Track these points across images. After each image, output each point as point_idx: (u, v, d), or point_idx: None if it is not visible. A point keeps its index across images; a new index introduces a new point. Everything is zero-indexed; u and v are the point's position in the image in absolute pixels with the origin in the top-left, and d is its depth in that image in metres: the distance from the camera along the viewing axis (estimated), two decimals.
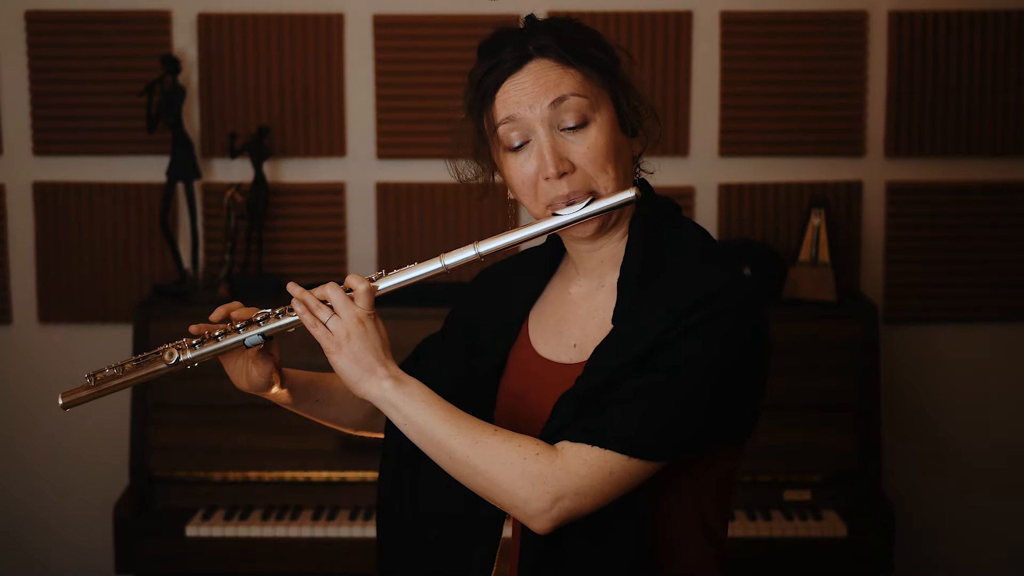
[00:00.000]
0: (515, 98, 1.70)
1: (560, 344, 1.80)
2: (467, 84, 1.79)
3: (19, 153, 3.63)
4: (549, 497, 1.60)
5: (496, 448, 1.62)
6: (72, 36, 3.57)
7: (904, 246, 3.64)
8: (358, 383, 1.66)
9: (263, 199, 3.52)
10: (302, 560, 3.11)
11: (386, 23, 3.58)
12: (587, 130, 1.70)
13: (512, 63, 1.72)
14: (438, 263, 1.72)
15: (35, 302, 3.66)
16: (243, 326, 1.75)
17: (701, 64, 3.59)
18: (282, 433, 3.23)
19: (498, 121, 1.72)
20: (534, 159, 1.70)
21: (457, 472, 1.64)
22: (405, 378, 1.67)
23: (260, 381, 1.81)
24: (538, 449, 1.62)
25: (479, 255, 1.72)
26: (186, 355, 1.77)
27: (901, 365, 3.65)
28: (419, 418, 1.64)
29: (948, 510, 3.71)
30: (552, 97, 1.69)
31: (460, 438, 1.63)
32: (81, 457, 3.68)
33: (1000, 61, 3.57)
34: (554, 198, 1.70)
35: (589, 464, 1.60)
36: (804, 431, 3.22)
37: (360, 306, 1.68)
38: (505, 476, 1.61)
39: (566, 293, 1.84)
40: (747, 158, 3.63)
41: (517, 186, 1.73)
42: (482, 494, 1.65)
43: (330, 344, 1.67)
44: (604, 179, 1.71)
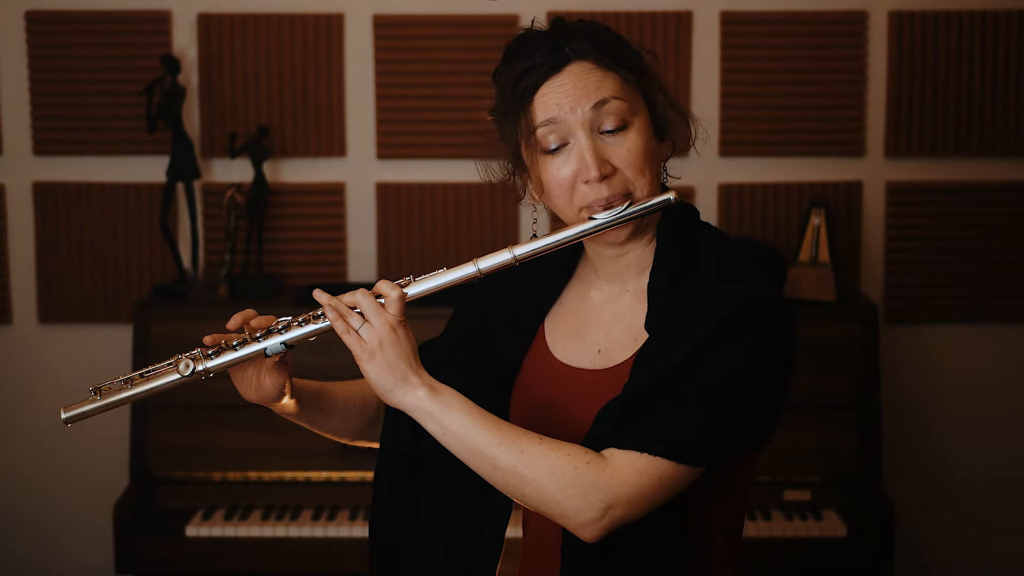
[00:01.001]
0: (555, 100, 1.68)
1: (583, 350, 1.78)
2: (498, 86, 1.75)
3: (19, 153, 3.63)
4: (601, 505, 1.59)
5: (544, 457, 1.60)
6: (72, 36, 3.57)
7: (904, 246, 3.64)
8: (391, 392, 1.63)
9: (263, 199, 3.52)
10: (302, 560, 3.11)
11: (386, 23, 3.58)
12: (627, 133, 1.69)
13: (550, 65, 1.69)
14: (472, 267, 1.69)
15: (35, 302, 3.66)
16: (263, 335, 1.70)
17: (701, 64, 3.59)
18: (282, 433, 3.23)
19: (537, 123, 1.69)
20: (573, 161, 1.68)
21: (501, 481, 1.62)
22: (439, 386, 1.64)
23: (273, 392, 1.76)
24: (588, 457, 1.60)
25: (515, 259, 1.69)
26: (202, 364, 1.70)
27: (901, 365, 3.65)
28: (458, 428, 1.62)
29: (948, 510, 3.71)
30: (594, 100, 1.67)
31: (505, 447, 1.61)
32: (81, 457, 3.68)
33: (1000, 61, 3.57)
34: (593, 201, 1.68)
35: (640, 471, 1.60)
36: (804, 431, 3.22)
37: (392, 313, 1.65)
38: (555, 486, 1.59)
39: (586, 298, 1.82)
40: (747, 158, 3.63)
41: (553, 188, 1.70)
42: (527, 503, 1.63)
43: (362, 352, 1.63)
44: (642, 182, 1.69)
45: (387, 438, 1.84)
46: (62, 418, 1.73)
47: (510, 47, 1.75)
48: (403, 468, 1.81)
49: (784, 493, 3.21)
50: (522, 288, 1.86)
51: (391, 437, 1.82)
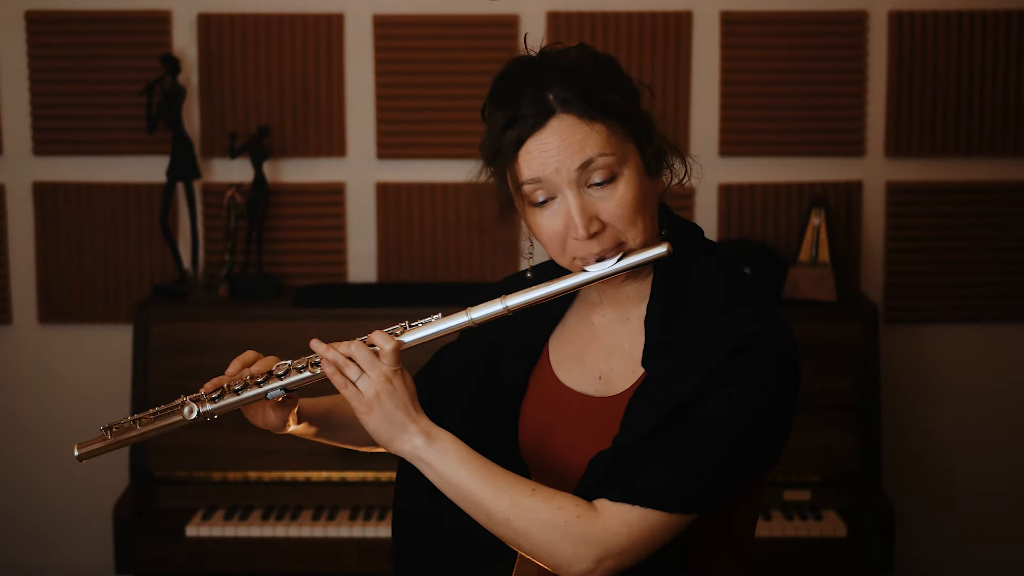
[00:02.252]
0: (540, 160, 1.64)
1: (584, 374, 1.79)
2: (486, 124, 1.72)
3: (19, 153, 3.63)
4: (592, 558, 1.61)
5: (536, 510, 1.62)
6: (72, 36, 3.57)
7: (904, 246, 3.64)
8: (390, 442, 1.66)
9: (263, 199, 3.52)
10: (302, 560, 3.11)
11: (386, 23, 3.58)
12: (615, 185, 1.65)
13: (534, 120, 1.64)
14: (465, 317, 1.71)
15: (35, 302, 3.66)
16: (263, 380, 1.76)
17: (701, 64, 3.59)
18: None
19: (523, 180, 1.66)
20: (561, 217, 1.66)
21: (496, 531, 1.65)
22: (436, 433, 1.66)
23: (278, 423, 1.82)
24: (578, 511, 1.61)
25: (507, 309, 1.70)
26: (205, 408, 1.77)
27: (901, 365, 3.65)
28: (454, 477, 1.64)
29: (948, 510, 3.71)
30: (579, 161, 1.63)
31: (498, 500, 1.62)
32: None
33: (1000, 61, 3.57)
34: (585, 255, 1.67)
35: (631, 524, 1.61)
36: (804, 431, 3.20)
37: (386, 363, 1.66)
38: (546, 539, 1.61)
39: (589, 321, 1.81)
40: (747, 158, 3.63)
41: (545, 241, 1.69)
42: (523, 551, 1.65)
43: (360, 405, 1.66)
44: (633, 232, 1.67)
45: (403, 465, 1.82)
46: (76, 455, 1.84)
47: (497, 84, 1.70)
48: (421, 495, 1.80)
49: (784, 493, 3.21)
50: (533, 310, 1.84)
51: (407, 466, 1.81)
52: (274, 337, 3.20)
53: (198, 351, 3.25)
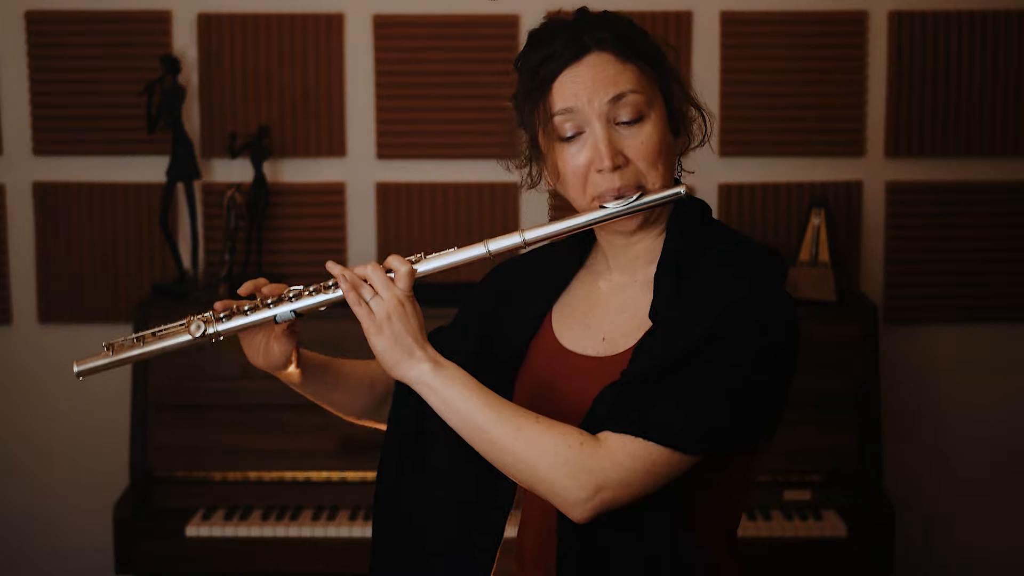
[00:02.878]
0: (573, 90, 1.70)
1: (587, 336, 1.80)
2: (520, 72, 1.77)
3: (19, 153, 3.63)
4: (591, 487, 1.61)
5: (539, 436, 1.62)
6: (72, 36, 3.57)
7: (904, 246, 3.64)
8: (397, 365, 1.66)
9: (263, 199, 3.52)
10: (302, 560, 3.11)
11: (386, 23, 3.58)
12: (642, 125, 1.71)
13: (570, 54, 1.71)
14: (482, 248, 1.73)
15: (35, 302, 3.66)
16: (274, 301, 1.74)
17: (701, 64, 3.59)
18: (282, 433, 3.23)
19: (554, 111, 1.71)
20: (587, 150, 1.71)
21: (497, 458, 1.65)
22: (443, 361, 1.67)
23: (280, 359, 1.80)
24: (582, 439, 1.62)
25: (524, 242, 1.72)
26: (213, 327, 1.73)
27: (901, 365, 3.65)
28: (458, 403, 1.65)
29: (948, 510, 3.71)
30: (612, 93, 1.70)
31: (502, 425, 1.63)
32: (81, 457, 3.68)
33: (1000, 61, 3.57)
34: (604, 190, 1.71)
35: (633, 455, 1.62)
36: (804, 431, 3.22)
37: (400, 287, 1.69)
38: (546, 464, 1.61)
39: (595, 287, 1.84)
40: (747, 158, 3.63)
41: (568, 176, 1.73)
42: (520, 480, 1.66)
43: (371, 325, 1.67)
44: (654, 175, 1.72)
45: (394, 420, 1.85)
46: (75, 371, 1.77)
47: (533, 33, 1.77)
48: (406, 455, 1.82)
49: (784, 493, 3.21)
50: (535, 277, 1.89)
51: (397, 421, 1.84)
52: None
53: (198, 351, 3.25)
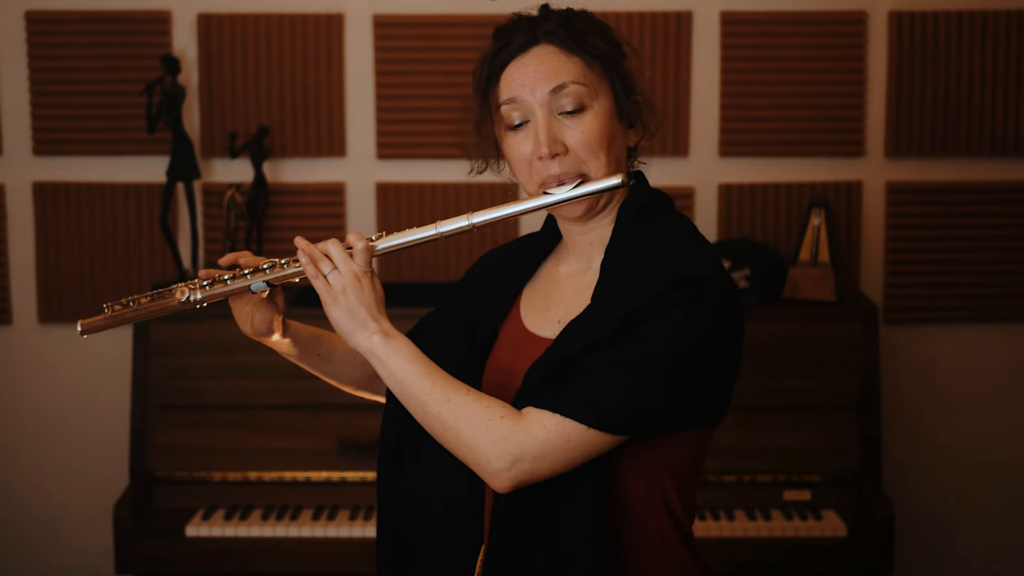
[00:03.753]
0: (519, 80, 1.79)
1: (546, 319, 1.87)
2: (477, 63, 1.88)
3: (19, 153, 3.63)
4: (509, 457, 1.68)
5: (466, 407, 1.71)
6: (72, 36, 3.57)
7: (904, 246, 3.64)
8: (351, 335, 1.75)
9: (263, 199, 3.52)
10: (302, 560, 3.11)
11: (386, 23, 3.58)
12: (583, 116, 1.78)
13: (519, 45, 1.80)
14: (433, 230, 1.81)
15: (35, 302, 3.66)
16: (251, 272, 1.85)
17: (701, 64, 3.59)
18: (282, 433, 3.23)
19: (501, 100, 1.81)
20: (531, 139, 1.78)
21: (428, 426, 1.73)
22: (395, 334, 1.76)
23: (262, 327, 1.91)
24: (504, 412, 1.70)
25: (472, 225, 1.80)
26: (196, 295, 1.86)
27: (901, 365, 3.66)
28: (400, 371, 1.73)
29: (948, 510, 3.71)
30: (553, 84, 1.77)
31: (434, 394, 1.72)
32: (81, 457, 3.68)
33: (1000, 61, 3.57)
34: (546, 177, 1.78)
35: (548, 430, 1.68)
36: (804, 431, 3.22)
37: (358, 263, 1.77)
38: (470, 434, 1.70)
39: (556, 272, 1.92)
40: (747, 158, 3.63)
41: (514, 163, 1.82)
42: (449, 448, 1.74)
43: (327, 296, 1.76)
44: (595, 164, 1.78)
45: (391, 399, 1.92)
46: (79, 330, 1.88)
47: (497, 28, 1.87)
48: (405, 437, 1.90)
49: (784, 493, 3.21)
50: (509, 265, 1.98)
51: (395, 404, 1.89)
52: None
53: (198, 351, 3.25)
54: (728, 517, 3.14)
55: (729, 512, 3.17)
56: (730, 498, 3.20)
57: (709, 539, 3.08)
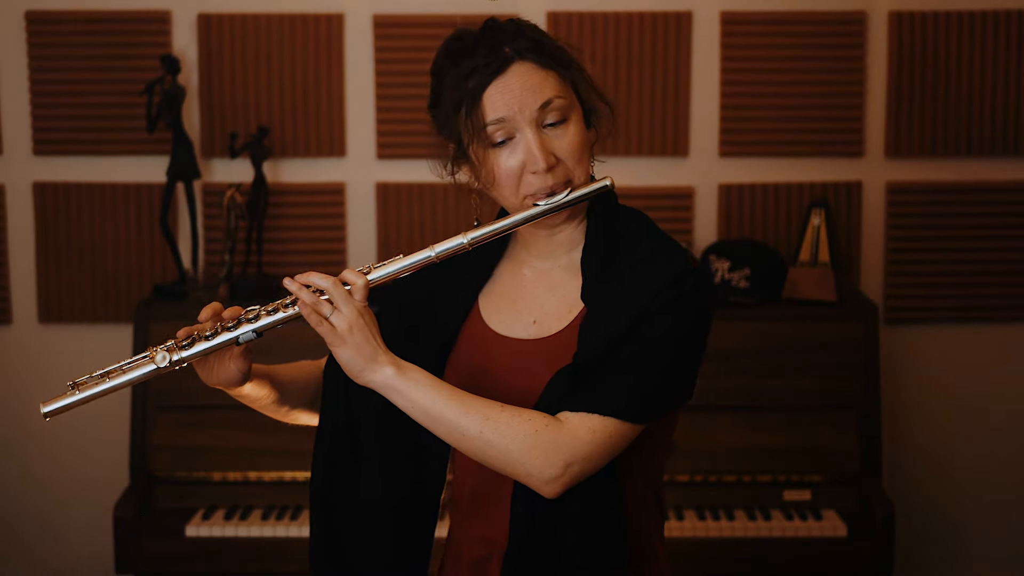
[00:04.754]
0: (503, 101, 1.80)
1: (518, 321, 1.89)
2: (440, 82, 1.87)
3: (19, 153, 3.63)
4: (562, 464, 1.73)
5: (508, 423, 1.73)
6: (72, 36, 3.57)
7: (904, 246, 3.64)
8: (362, 372, 1.74)
9: (263, 199, 3.52)
10: (302, 560, 3.10)
11: (386, 23, 3.58)
12: (567, 126, 1.82)
13: (496, 66, 1.81)
14: (430, 252, 1.80)
15: (35, 302, 3.66)
16: (233, 324, 1.81)
17: (701, 64, 3.59)
18: (282, 433, 3.21)
19: (487, 122, 1.81)
20: (520, 154, 1.80)
21: (469, 448, 1.74)
22: (405, 364, 1.76)
23: (237, 376, 1.86)
24: (546, 421, 1.74)
25: (469, 243, 1.81)
26: (177, 355, 1.81)
27: (901, 365, 3.65)
28: (426, 401, 1.74)
29: (948, 510, 3.71)
30: (540, 101, 1.80)
31: (471, 417, 1.73)
32: (81, 457, 3.68)
33: (1000, 61, 3.57)
34: (538, 189, 1.81)
35: (593, 430, 1.74)
36: (804, 431, 3.22)
37: (358, 299, 1.76)
38: (518, 448, 1.72)
39: (519, 275, 1.93)
40: (747, 158, 3.63)
41: (502, 178, 1.82)
42: (493, 466, 1.75)
43: (334, 339, 1.74)
44: (579, 170, 1.83)
45: (325, 413, 1.94)
46: (42, 412, 1.83)
47: (448, 46, 1.89)
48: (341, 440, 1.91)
49: (784, 493, 3.21)
50: (455, 270, 1.96)
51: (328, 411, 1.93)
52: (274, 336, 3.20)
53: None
54: (728, 517, 3.15)
55: (729, 512, 3.17)
56: (730, 498, 3.20)
57: (709, 539, 3.09)
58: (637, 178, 3.59)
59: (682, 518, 3.14)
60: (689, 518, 3.14)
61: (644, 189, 3.58)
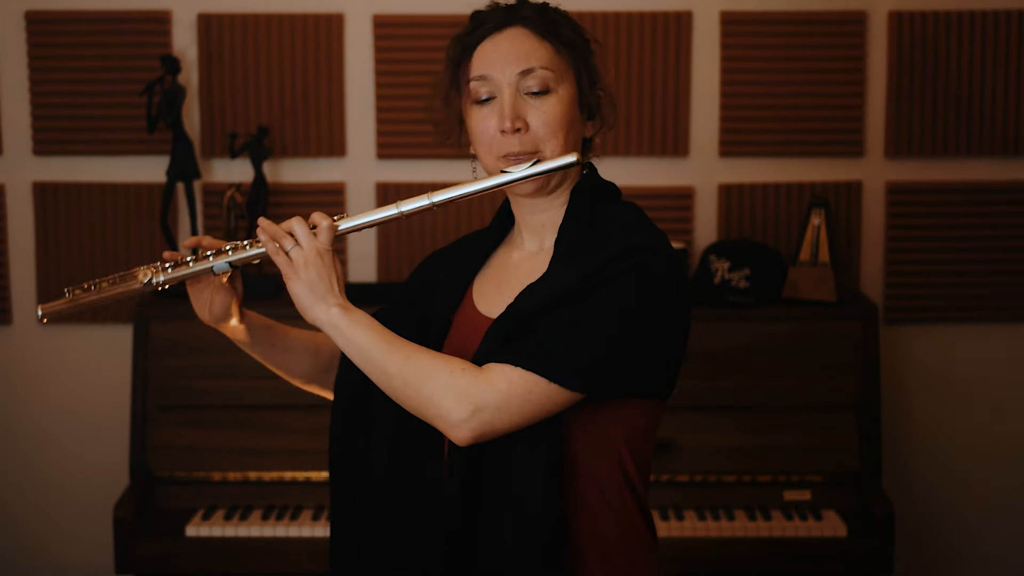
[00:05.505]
0: (490, 59, 1.87)
1: (499, 301, 1.92)
2: (452, 40, 1.96)
3: (19, 153, 3.63)
4: (470, 408, 1.73)
5: (426, 363, 1.77)
6: (72, 36, 3.57)
7: (904, 246, 3.64)
8: (310, 308, 1.81)
9: (263, 199, 3.52)
10: (302, 560, 3.11)
11: (386, 23, 3.58)
12: (547, 98, 1.85)
13: (493, 25, 1.89)
14: (394, 209, 1.88)
15: (35, 302, 3.66)
16: (213, 254, 1.89)
17: (701, 64, 3.59)
18: (282, 433, 3.23)
19: (472, 76, 1.88)
20: (495, 114, 1.86)
21: (390, 387, 1.79)
22: (353, 308, 1.82)
23: (220, 311, 1.96)
24: (465, 366, 1.77)
25: (432, 204, 1.87)
26: (159, 277, 1.91)
27: (901, 365, 3.66)
28: (360, 339, 1.79)
29: (948, 510, 3.71)
30: (523, 67, 1.85)
31: (394, 355, 1.78)
32: (81, 457, 3.68)
33: (1000, 61, 3.57)
34: (506, 152, 1.85)
35: (510, 381, 1.74)
36: (804, 431, 3.22)
37: (321, 240, 1.82)
38: (430, 388, 1.75)
39: (509, 257, 1.99)
40: (747, 158, 3.63)
41: (476, 136, 1.89)
42: (410, 407, 1.79)
43: (289, 270, 1.81)
44: (552, 144, 1.85)
45: (340, 390, 1.98)
46: (39, 314, 1.97)
47: (474, 13, 1.96)
48: (355, 419, 1.95)
49: (784, 493, 3.21)
50: (460, 257, 2.05)
51: (344, 389, 1.97)
52: None
53: (198, 351, 3.25)
54: (728, 517, 3.15)
55: (729, 512, 3.17)
56: (730, 498, 3.21)
57: (709, 539, 3.09)
58: (637, 178, 3.59)
59: (682, 518, 3.14)
60: (689, 518, 3.14)
61: (644, 189, 3.58)
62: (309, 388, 2.11)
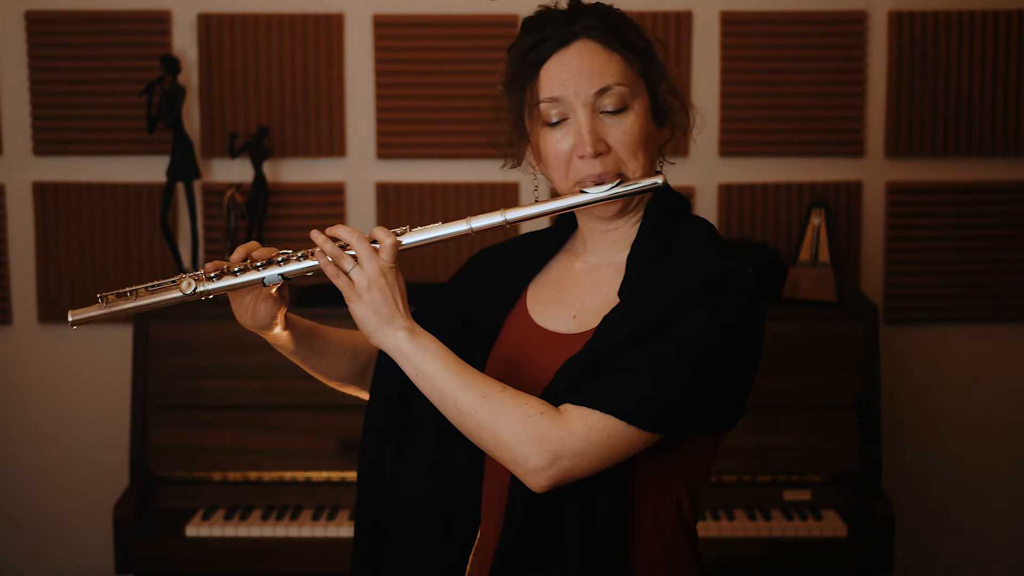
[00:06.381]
0: (560, 79, 1.75)
1: (559, 315, 1.84)
2: (508, 57, 1.82)
3: (19, 153, 3.63)
4: (549, 455, 1.64)
5: (503, 404, 1.66)
6: (72, 36, 3.57)
7: (904, 246, 3.64)
8: (375, 332, 1.71)
9: (263, 199, 3.52)
10: (302, 560, 3.11)
11: (386, 23, 3.58)
12: (625, 115, 1.75)
13: (558, 40, 1.76)
14: (465, 225, 1.77)
15: (35, 302, 3.66)
16: (263, 264, 1.77)
17: (701, 64, 3.59)
18: (282, 433, 3.23)
19: (541, 98, 1.76)
20: (571, 137, 1.75)
21: (462, 424, 1.69)
22: (420, 331, 1.71)
23: (266, 320, 1.84)
24: (543, 409, 1.66)
25: (506, 221, 1.76)
26: (204, 286, 1.77)
27: (901, 365, 3.65)
28: (429, 369, 1.69)
29: (948, 510, 3.71)
30: (598, 86, 1.74)
31: (468, 391, 1.67)
32: (81, 457, 3.68)
33: (1000, 61, 3.57)
34: (585, 176, 1.75)
35: (590, 427, 1.65)
36: (804, 431, 3.22)
37: (384, 259, 1.72)
38: (508, 431, 1.65)
39: (571, 268, 1.89)
40: (747, 158, 3.63)
41: (551, 160, 1.78)
42: (484, 447, 1.69)
43: (351, 293, 1.71)
44: (634, 164, 1.76)
45: (377, 391, 1.91)
46: (69, 320, 1.79)
47: (527, 20, 1.81)
48: (394, 417, 1.88)
49: (784, 493, 3.21)
50: (514, 259, 1.95)
51: (382, 391, 1.90)
52: None
53: (198, 351, 3.25)
54: (728, 517, 3.15)
55: (729, 512, 3.17)
56: (730, 498, 3.20)
57: (709, 539, 3.08)
58: None
59: None
60: None
61: None
62: (345, 389, 2.03)
